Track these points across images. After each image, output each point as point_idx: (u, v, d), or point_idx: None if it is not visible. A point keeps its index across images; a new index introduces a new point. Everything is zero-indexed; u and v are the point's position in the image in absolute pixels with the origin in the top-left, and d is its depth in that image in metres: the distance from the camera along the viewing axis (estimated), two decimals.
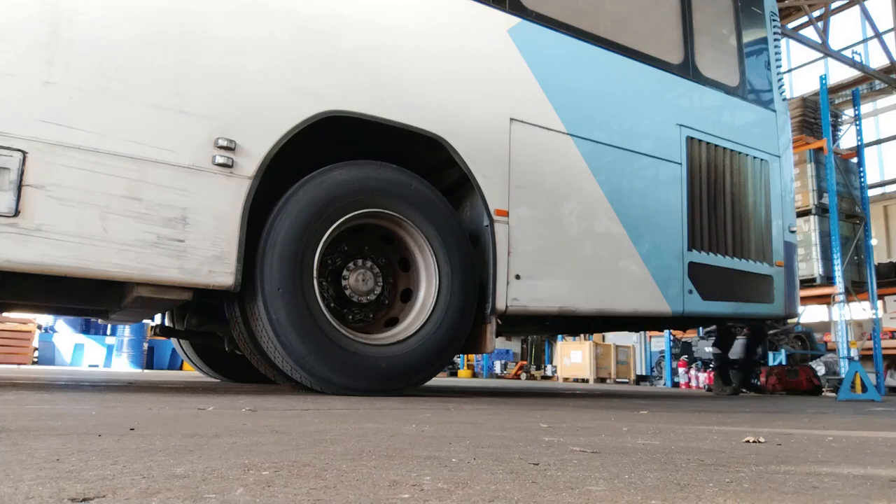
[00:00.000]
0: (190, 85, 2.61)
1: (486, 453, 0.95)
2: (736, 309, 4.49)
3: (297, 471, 0.73)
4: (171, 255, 2.49)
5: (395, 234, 3.20)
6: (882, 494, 0.69)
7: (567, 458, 0.90)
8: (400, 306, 3.29)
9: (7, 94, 2.27)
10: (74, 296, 3.00)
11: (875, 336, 8.46)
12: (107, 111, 2.43)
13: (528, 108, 3.55)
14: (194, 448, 0.94)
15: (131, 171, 2.44)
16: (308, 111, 2.85)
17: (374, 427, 1.38)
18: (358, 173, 2.99)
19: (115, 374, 6.75)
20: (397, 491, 0.63)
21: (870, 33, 13.51)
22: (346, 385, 2.82)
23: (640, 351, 15.11)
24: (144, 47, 2.54)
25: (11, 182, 2.23)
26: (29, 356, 10.28)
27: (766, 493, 0.68)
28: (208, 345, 4.41)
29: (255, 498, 0.58)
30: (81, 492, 0.58)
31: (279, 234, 2.76)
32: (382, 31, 3.15)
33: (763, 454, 1.04)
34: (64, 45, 2.38)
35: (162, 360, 11.72)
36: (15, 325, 10.06)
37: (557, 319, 4.70)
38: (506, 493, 0.63)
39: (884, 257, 12.92)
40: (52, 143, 2.31)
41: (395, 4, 3.21)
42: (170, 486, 0.62)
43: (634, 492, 0.66)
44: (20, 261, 2.23)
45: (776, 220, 4.82)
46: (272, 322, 2.69)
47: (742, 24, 4.88)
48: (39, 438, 1.01)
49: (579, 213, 3.69)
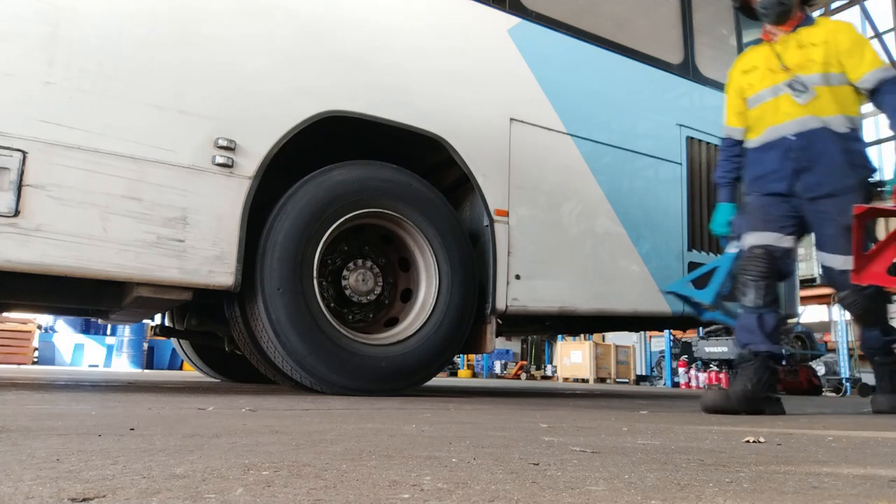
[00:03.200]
0: (190, 85, 2.61)
1: (486, 453, 0.95)
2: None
3: (297, 471, 0.73)
4: (171, 255, 2.49)
5: (395, 234, 3.20)
6: (882, 494, 0.69)
7: (567, 458, 0.90)
8: (400, 306, 3.29)
9: (7, 94, 2.27)
10: (74, 296, 3.00)
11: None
12: (107, 111, 2.43)
13: (528, 108, 3.55)
14: (194, 448, 0.94)
15: (131, 171, 2.44)
16: (308, 111, 2.84)
17: (374, 427, 1.38)
18: (358, 173, 2.99)
19: (115, 374, 6.76)
20: (397, 491, 0.63)
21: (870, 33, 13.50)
22: (346, 385, 2.82)
23: (640, 351, 15.12)
24: (144, 47, 2.54)
25: (11, 182, 2.22)
26: (29, 356, 10.28)
27: (766, 493, 0.68)
28: (208, 345, 4.41)
29: (255, 498, 0.58)
30: (81, 492, 0.58)
31: (279, 234, 2.76)
32: (382, 30, 3.15)
33: (763, 454, 1.04)
34: (64, 45, 2.38)
35: (162, 360, 11.72)
36: (15, 325, 10.06)
37: (557, 319, 4.70)
38: (506, 493, 0.63)
39: None
40: (52, 143, 2.31)
41: (395, 4, 3.21)
42: (170, 486, 0.62)
43: (634, 492, 0.66)
44: (20, 261, 2.23)
45: None
46: (272, 322, 2.69)
47: (742, 24, 4.88)
48: (39, 438, 1.01)
49: (579, 213, 3.69)
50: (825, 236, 2.83)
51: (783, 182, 2.87)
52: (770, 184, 2.90)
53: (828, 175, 2.76)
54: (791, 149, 2.84)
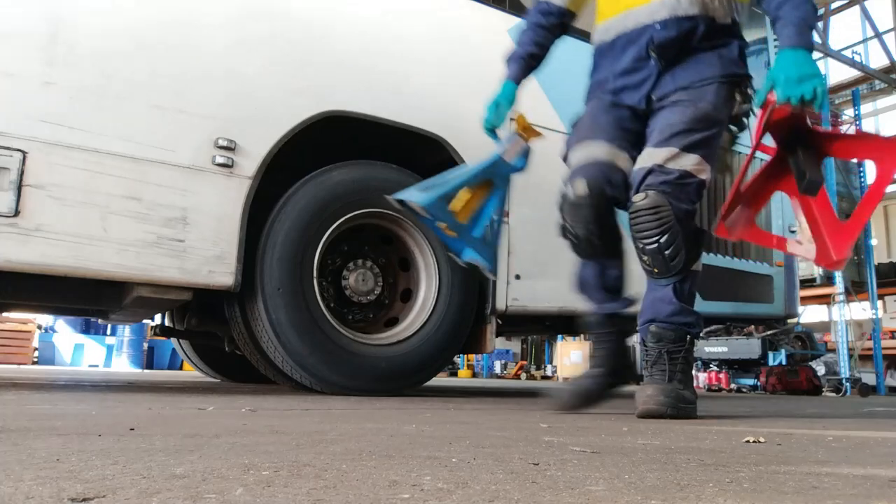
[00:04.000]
0: (190, 85, 2.61)
1: (486, 453, 0.95)
2: (736, 309, 4.49)
3: (297, 471, 0.73)
4: (171, 255, 2.49)
5: (395, 234, 3.20)
6: (882, 494, 0.69)
7: (567, 458, 0.90)
8: (400, 306, 3.29)
9: (7, 94, 2.27)
10: (74, 296, 3.00)
11: (875, 336, 8.46)
12: (107, 111, 2.43)
13: (528, 109, 3.54)
14: (194, 448, 0.94)
15: (131, 171, 2.44)
16: (308, 111, 2.84)
17: (374, 427, 1.38)
18: (358, 173, 2.99)
19: (115, 374, 6.76)
20: (397, 491, 0.63)
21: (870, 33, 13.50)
22: (346, 385, 2.82)
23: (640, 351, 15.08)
24: (145, 47, 2.53)
25: (11, 182, 2.22)
26: (29, 356, 10.28)
27: (766, 493, 0.68)
28: (208, 345, 4.41)
29: (255, 498, 0.58)
30: (81, 492, 0.58)
31: (279, 234, 2.76)
32: (382, 30, 3.15)
33: (763, 454, 1.04)
34: (64, 45, 2.37)
35: (162, 360, 11.72)
36: (15, 325, 10.06)
37: (557, 319, 4.70)
38: (506, 492, 0.63)
39: (884, 257, 12.92)
40: (52, 143, 2.31)
41: (395, 4, 3.21)
42: (170, 486, 0.62)
43: (634, 492, 0.66)
44: (20, 261, 2.23)
45: (776, 219, 4.82)
46: (272, 322, 2.69)
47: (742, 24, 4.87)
48: (39, 438, 1.01)
49: None
50: (661, 126, 2.03)
51: (639, 91, 2.14)
52: (623, 94, 2.18)
53: (692, 72, 2.06)
54: (657, 43, 2.07)
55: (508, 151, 2.36)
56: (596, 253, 2.16)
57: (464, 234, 2.24)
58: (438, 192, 2.19)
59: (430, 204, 2.16)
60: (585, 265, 2.23)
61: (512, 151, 2.37)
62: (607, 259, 2.18)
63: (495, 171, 2.34)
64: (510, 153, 2.36)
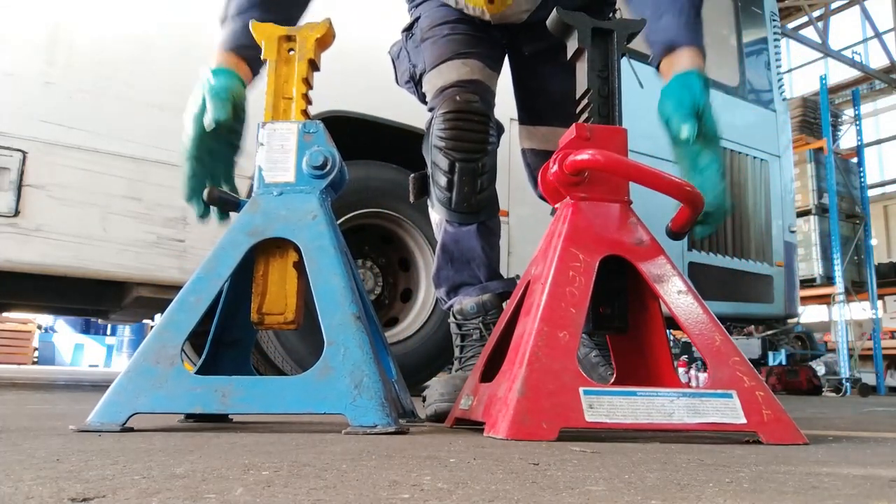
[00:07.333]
0: (190, 84, 2.60)
1: (485, 453, 0.95)
2: (736, 309, 4.49)
3: (297, 471, 0.73)
4: (171, 255, 2.49)
5: (395, 234, 3.20)
6: (882, 494, 0.69)
7: (567, 458, 0.90)
8: (400, 306, 3.29)
9: (7, 94, 2.27)
10: (74, 296, 3.00)
11: (875, 336, 8.46)
12: (107, 111, 2.43)
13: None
14: (194, 448, 0.94)
15: (131, 171, 2.44)
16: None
17: None
18: (358, 173, 2.99)
19: (115, 374, 6.75)
20: (397, 491, 0.63)
21: (870, 33, 13.51)
22: None
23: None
24: (145, 47, 2.53)
25: (11, 182, 2.23)
26: (29, 356, 10.29)
27: (766, 493, 0.68)
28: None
29: (255, 498, 0.58)
30: (81, 492, 0.58)
31: None
32: (384, 31, 3.15)
33: (763, 454, 1.04)
34: (64, 46, 2.37)
35: None
36: (15, 325, 10.07)
37: None
38: (506, 493, 0.63)
39: (884, 257, 12.92)
40: (52, 143, 2.31)
41: (395, 5, 3.21)
42: (170, 486, 0.62)
43: (634, 492, 0.66)
44: (20, 261, 2.23)
45: (776, 220, 4.82)
46: None
47: (742, 24, 4.87)
48: (39, 438, 1.01)
49: None
50: (553, 98, 1.65)
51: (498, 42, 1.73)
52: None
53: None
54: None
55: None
56: (473, 191, 1.63)
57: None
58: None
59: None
60: (456, 228, 1.70)
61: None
62: (491, 218, 1.73)
63: None
64: None
